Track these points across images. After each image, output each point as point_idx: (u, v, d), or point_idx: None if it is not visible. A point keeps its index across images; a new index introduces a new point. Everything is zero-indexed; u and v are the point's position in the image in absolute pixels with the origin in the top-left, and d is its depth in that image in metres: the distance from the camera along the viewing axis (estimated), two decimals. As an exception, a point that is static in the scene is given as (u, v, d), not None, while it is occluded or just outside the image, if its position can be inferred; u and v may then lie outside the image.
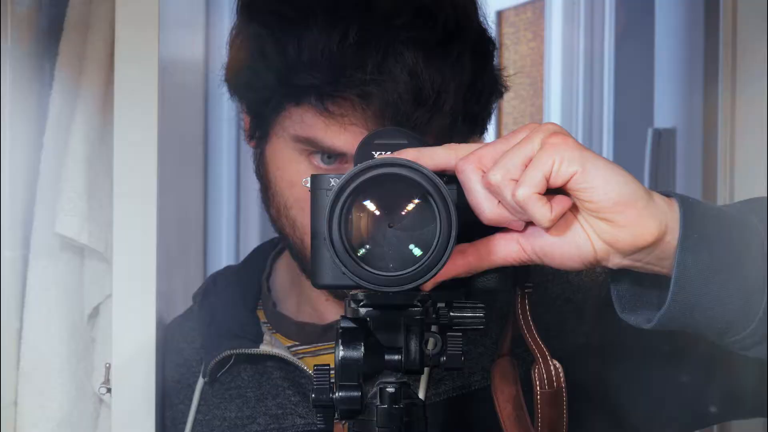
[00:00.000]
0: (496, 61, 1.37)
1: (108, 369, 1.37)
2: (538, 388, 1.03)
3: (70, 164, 1.42)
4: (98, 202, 1.42)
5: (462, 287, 1.02)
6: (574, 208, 0.98)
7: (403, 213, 0.94)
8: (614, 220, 0.96)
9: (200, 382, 1.43)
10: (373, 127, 1.25)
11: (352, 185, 0.91)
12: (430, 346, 0.99)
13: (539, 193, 0.95)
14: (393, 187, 0.93)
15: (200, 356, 1.44)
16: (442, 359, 0.99)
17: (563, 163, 0.94)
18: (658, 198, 0.98)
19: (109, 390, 1.37)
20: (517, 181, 0.95)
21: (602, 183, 0.95)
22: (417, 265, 0.91)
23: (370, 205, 0.93)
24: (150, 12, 1.32)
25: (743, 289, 0.98)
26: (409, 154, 0.97)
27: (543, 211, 0.94)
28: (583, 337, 1.32)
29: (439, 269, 0.91)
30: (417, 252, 0.93)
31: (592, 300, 1.34)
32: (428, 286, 0.96)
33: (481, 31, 1.35)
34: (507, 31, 3.92)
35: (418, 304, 0.97)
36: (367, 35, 1.26)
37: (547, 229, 0.97)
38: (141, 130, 1.33)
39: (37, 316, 1.43)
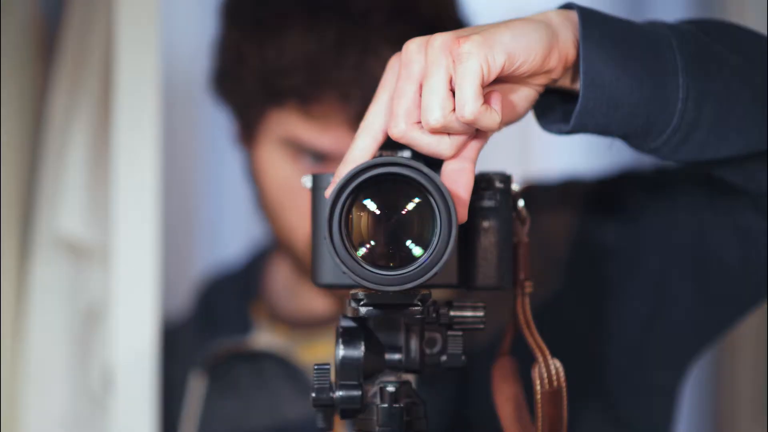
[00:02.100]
0: None
1: (108, 370, 1.37)
2: (538, 387, 1.03)
3: (70, 164, 1.42)
4: (98, 202, 1.42)
5: (462, 287, 1.02)
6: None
7: (403, 212, 0.94)
8: (547, 70, 0.97)
9: (198, 379, 1.43)
10: (355, 125, 1.26)
11: (353, 185, 0.91)
12: (429, 345, 0.99)
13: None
14: (393, 186, 0.93)
15: (199, 354, 1.44)
16: (442, 359, 0.99)
17: (489, 62, 0.93)
18: (556, 17, 0.98)
19: (108, 390, 1.37)
20: (454, 109, 0.94)
21: (526, 53, 0.95)
22: (417, 265, 0.91)
23: (370, 205, 0.93)
24: (150, 11, 1.33)
25: (655, 81, 0.99)
26: (344, 168, 0.96)
27: (492, 117, 0.94)
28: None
29: (440, 269, 0.91)
30: (417, 251, 0.93)
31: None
32: (464, 217, 0.95)
33: (460, 26, 1.35)
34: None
35: (418, 303, 0.97)
36: (345, 35, 1.27)
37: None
38: (141, 131, 1.33)
39: (37, 316, 1.43)
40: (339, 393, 0.96)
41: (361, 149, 0.96)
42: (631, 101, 0.98)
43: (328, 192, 0.91)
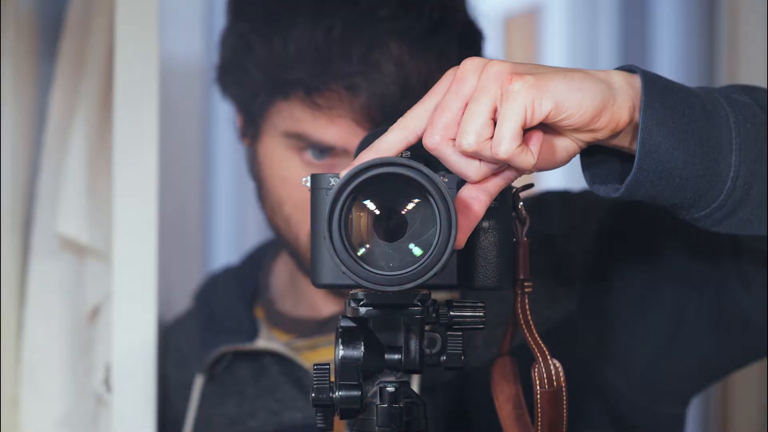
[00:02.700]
0: (484, 51, 1.37)
1: (108, 369, 1.37)
2: (538, 387, 1.03)
3: (70, 164, 1.42)
4: (98, 202, 1.42)
5: (462, 287, 1.02)
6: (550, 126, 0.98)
7: (403, 212, 0.94)
8: (594, 128, 0.97)
9: (199, 379, 1.43)
10: (362, 119, 1.26)
11: (353, 185, 0.91)
12: (429, 345, 0.99)
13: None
14: (393, 186, 0.93)
15: (199, 354, 1.44)
16: (442, 358, 0.99)
17: (535, 107, 0.93)
18: (620, 80, 0.98)
19: (109, 390, 1.37)
20: (491, 138, 0.94)
21: (575, 107, 0.94)
22: (417, 265, 0.91)
23: (370, 205, 0.93)
24: (150, 12, 1.32)
25: (709, 157, 0.98)
26: (368, 155, 0.96)
27: (527, 159, 0.94)
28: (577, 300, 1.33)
29: (440, 269, 0.91)
30: (417, 251, 0.93)
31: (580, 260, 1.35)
32: (462, 243, 0.96)
33: (468, 21, 1.35)
34: (509, 35, 3.92)
35: (418, 303, 0.97)
36: (352, 28, 1.26)
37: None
38: (141, 130, 1.33)
39: (37, 316, 1.43)
40: (339, 393, 0.96)
41: (390, 143, 0.97)
42: (683, 175, 0.98)
43: (343, 173, 0.92)
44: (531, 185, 1.16)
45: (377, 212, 0.93)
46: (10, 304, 1.43)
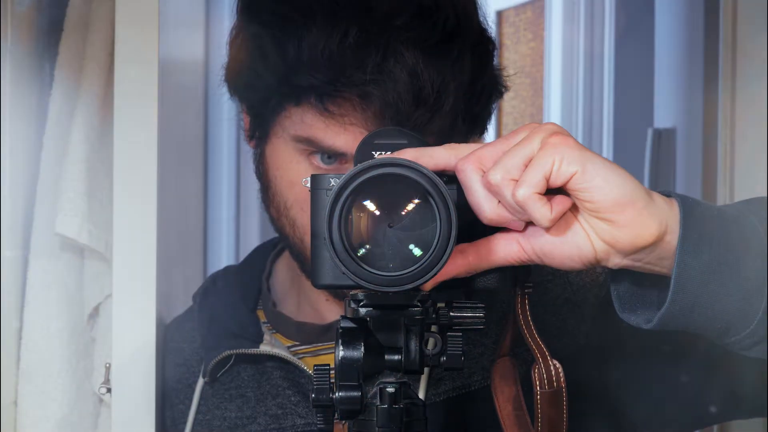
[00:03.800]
0: (496, 61, 1.37)
1: (108, 369, 1.37)
2: (538, 388, 1.03)
3: (70, 164, 1.42)
4: (98, 202, 1.42)
5: (462, 287, 1.02)
6: (574, 209, 0.98)
7: (403, 213, 0.94)
8: (614, 220, 0.96)
9: (200, 382, 1.43)
10: (373, 127, 1.25)
11: (352, 185, 0.91)
12: (429, 346, 0.99)
13: (539, 194, 0.95)
14: (393, 187, 0.93)
15: (200, 356, 1.44)
16: (442, 359, 0.99)
17: (563, 163, 0.94)
18: (658, 198, 0.98)
19: (109, 390, 1.37)
20: (516, 180, 0.95)
21: (602, 183, 0.95)
22: (417, 265, 0.91)
23: (370, 205, 0.93)
24: (150, 12, 1.32)
25: (743, 289, 0.98)
26: (409, 154, 0.98)
27: (543, 211, 0.95)
28: (584, 337, 1.32)
29: (440, 269, 0.91)
30: (417, 252, 0.93)
31: (592, 300, 1.34)
32: (428, 286, 0.97)
33: (481, 31, 1.35)
34: (507, 31, 3.92)
35: (418, 304, 0.97)
36: (367, 35, 1.26)
37: (547, 229, 0.97)
38: (141, 130, 1.33)
39: (37, 316, 1.43)
40: (339, 393, 0.96)
41: (433, 155, 0.99)
42: (716, 308, 0.98)
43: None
44: None
45: (377, 213, 0.94)
46: (10, 304, 1.43)
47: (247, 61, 1.34)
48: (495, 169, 0.95)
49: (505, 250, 0.99)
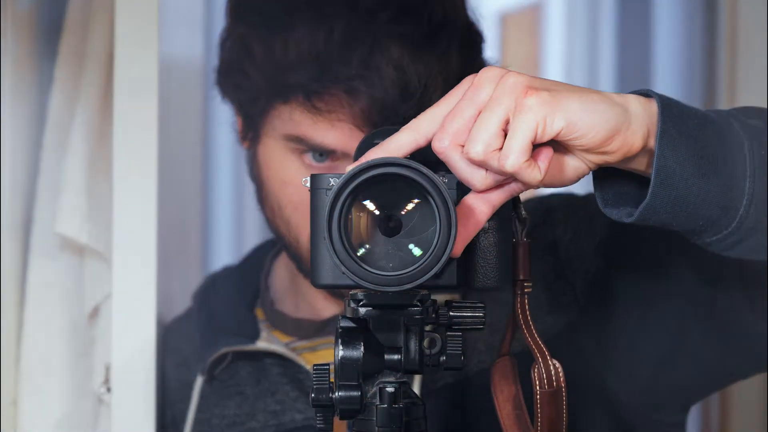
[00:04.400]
0: (485, 55, 1.37)
1: (108, 369, 1.37)
2: (537, 387, 1.03)
3: (70, 164, 1.42)
4: (98, 202, 1.42)
5: (462, 287, 1.02)
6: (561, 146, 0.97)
7: (403, 213, 0.94)
8: (605, 151, 0.97)
9: (199, 380, 1.43)
10: (362, 122, 1.26)
11: (352, 185, 0.91)
12: (426, 344, 0.99)
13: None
14: (393, 186, 0.93)
15: (199, 355, 1.44)
16: (441, 359, 0.99)
17: (547, 124, 0.93)
18: (635, 105, 0.98)
19: (109, 390, 1.37)
20: (500, 150, 0.94)
21: (588, 127, 0.95)
22: (417, 265, 0.91)
23: (369, 205, 0.93)
24: (150, 11, 1.32)
25: (724, 185, 0.99)
26: (376, 154, 0.97)
27: (534, 174, 0.94)
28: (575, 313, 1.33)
29: (440, 269, 0.91)
30: (417, 252, 0.93)
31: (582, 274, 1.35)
32: (458, 251, 0.96)
33: (469, 24, 1.35)
34: (507, 34, 3.92)
35: (418, 303, 0.97)
36: (352, 31, 1.26)
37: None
38: (141, 130, 1.33)
39: (37, 316, 1.43)
40: (338, 393, 0.96)
41: (399, 143, 0.97)
42: (697, 202, 0.98)
43: (350, 166, 0.92)
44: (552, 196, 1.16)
45: (377, 212, 0.94)
46: (10, 304, 1.43)
47: (236, 61, 1.35)
48: (474, 144, 0.94)
49: (508, 192, 0.99)
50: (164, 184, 1.38)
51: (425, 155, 0.97)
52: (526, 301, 1.06)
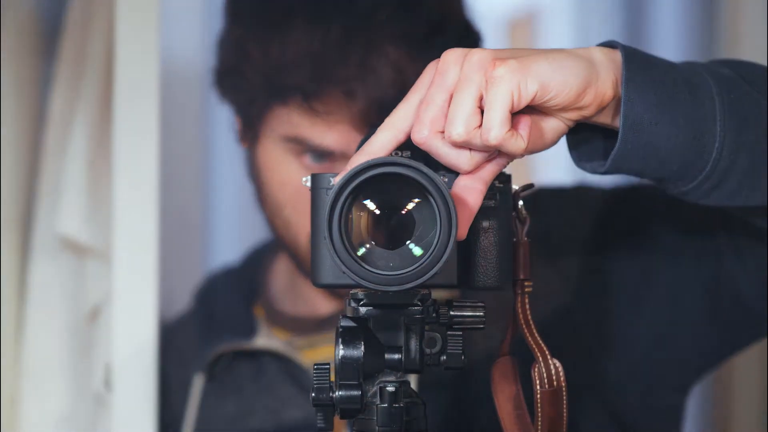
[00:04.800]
0: None
1: (108, 369, 1.37)
2: (538, 387, 1.03)
3: (71, 164, 1.42)
4: (98, 202, 1.42)
5: (461, 286, 1.02)
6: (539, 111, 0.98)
7: (403, 212, 0.94)
8: (580, 106, 0.97)
9: (199, 379, 1.43)
10: (360, 123, 1.26)
11: (352, 184, 0.91)
12: (429, 345, 0.99)
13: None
14: (393, 186, 0.93)
15: (199, 354, 1.44)
16: (442, 358, 0.99)
17: (521, 90, 0.93)
18: (600, 55, 0.98)
19: (109, 390, 1.37)
20: (480, 127, 0.94)
21: (561, 86, 0.95)
22: (417, 265, 0.91)
23: (370, 205, 0.93)
24: (150, 11, 1.33)
25: (694, 129, 0.99)
26: (360, 158, 0.96)
27: (518, 143, 0.94)
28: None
29: (440, 269, 0.91)
30: (417, 251, 0.93)
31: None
32: (463, 234, 0.96)
33: (466, 24, 1.35)
34: (512, 37, 3.93)
35: (418, 303, 0.97)
36: (349, 32, 1.26)
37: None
38: (141, 130, 1.33)
39: (37, 316, 1.43)
40: (339, 393, 0.96)
41: (380, 143, 0.97)
42: (668, 147, 0.99)
43: (337, 179, 0.91)
44: (531, 185, 1.16)
45: (377, 212, 0.93)
46: (10, 304, 1.43)
47: (233, 63, 1.35)
48: (454, 126, 0.93)
49: (497, 166, 0.99)
50: (164, 183, 1.38)
51: (426, 155, 0.97)
52: (527, 300, 1.06)
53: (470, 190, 0.96)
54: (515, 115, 0.95)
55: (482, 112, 0.94)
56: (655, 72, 0.99)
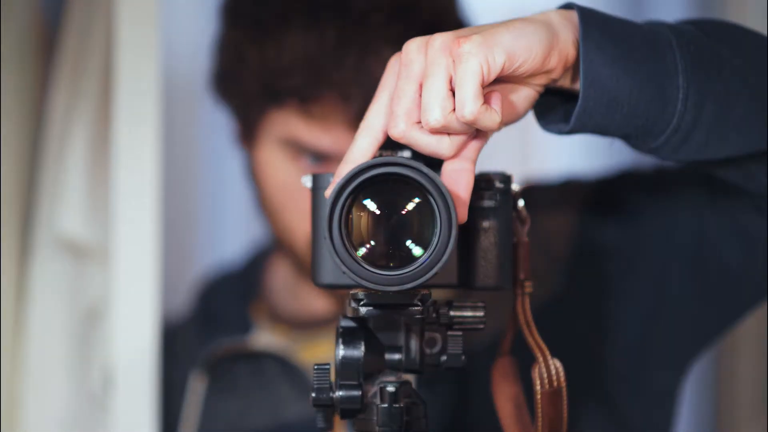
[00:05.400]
0: None
1: (108, 369, 1.37)
2: (538, 387, 1.03)
3: (70, 164, 1.42)
4: (98, 202, 1.42)
5: (461, 286, 1.02)
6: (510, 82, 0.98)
7: (403, 212, 0.94)
8: (547, 70, 0.97)
9: (198, 379, 1.43)
10: (356, 126, 1.26)
11: (352, 185, 0.91)
12: (429, 345, 0.99)
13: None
14: (393, 186, 0.93)
15: (199, 355, 1.45)
16: (442, 358, 0.99)
17: (489, 62, 0.93)
18: (556, 17, 0.98)
19: (108, 390, 1.37)
20: (454, 109, 0.94)
21: (526, 53, 0.95)
22: (417, 265, 0.91)
23: (370, 205, 0.93)
24: (150, 12, 1.33)
25: (655, 80, 0.99)
26: (345, 168, 0.96)
27: (492, 117, 0.94)
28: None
29: (440, 269, 0.91)
30: (417, 251, 0.93)
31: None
32: (464, 217, 0.96)
33: (460, 25, 1.35)
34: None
35: (419, 303, 0.97)
36: (345, 35, 1.27)
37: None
38: (141, 130, 1.33)
39: (37, 316, 1.43)
40: (339, 393, 0.96)
41: (360, 149, 0.96)
42: (631, 102, 0.98)
43: (328, 192, 0.91)
44: (530, 187, 1.16)
45: (377, 212, 0.94)
46: (10, 304, 1.43)
47: (230, 67, 1.36)
48: (430, 112, 0.93)
49: (480, 143, 0.99)
50: (165, 183, 1.38)
51: (427, 156, 0.97)
52: (527, 300, 1.06)
53: (460, 172, 0.96)
54: (485, 91, 0.95)
55: (454, 94, 0.94)
56: (613, 29, 0.99)
